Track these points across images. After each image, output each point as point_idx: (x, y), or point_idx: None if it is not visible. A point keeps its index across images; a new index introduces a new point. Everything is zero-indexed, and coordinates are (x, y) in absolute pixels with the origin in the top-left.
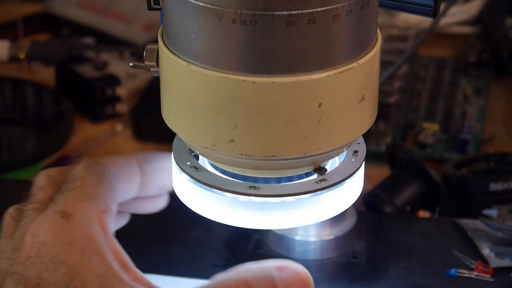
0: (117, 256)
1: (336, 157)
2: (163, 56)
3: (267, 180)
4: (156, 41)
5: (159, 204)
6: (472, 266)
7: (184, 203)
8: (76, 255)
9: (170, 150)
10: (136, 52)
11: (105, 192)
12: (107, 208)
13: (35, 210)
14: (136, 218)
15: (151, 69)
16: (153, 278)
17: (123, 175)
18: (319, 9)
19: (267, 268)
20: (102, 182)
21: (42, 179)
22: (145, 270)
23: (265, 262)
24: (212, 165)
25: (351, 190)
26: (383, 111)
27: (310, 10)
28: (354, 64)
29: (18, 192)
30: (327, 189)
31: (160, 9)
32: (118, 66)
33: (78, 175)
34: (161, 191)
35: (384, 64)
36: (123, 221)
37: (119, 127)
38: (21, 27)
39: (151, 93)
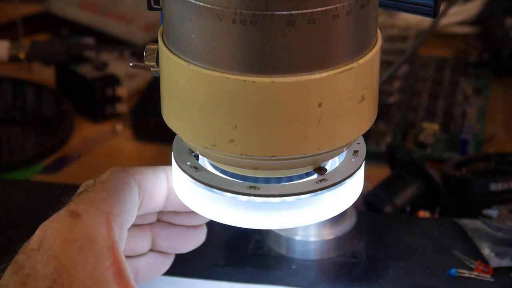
0: (115, 261)
1: (336, 157)
2: (163, 56)
3: (267, 180)
4: (156, 41)
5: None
6: (472, 266)
7: (184, 203)
8: (73, 252)
9: (170, 150)
10: (136, 52)
11: (121, 197)
12: (120, 212)
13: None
14: None
15: (151, 69)
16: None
17: (148, 186)
18: (319, 9)
19: None
20: (122, 188)
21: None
22: None
23: None
24: (212, 165)
25: (351, 190)
26: (383, 111)
27: (310, 10)
28: (354, 64)
29: (18, 192)
30: (327, 189)
31: (160, 9)
32: (118, 66)
33: (100, 179)
34: (186, 207)
35: (384, 64)
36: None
37: (119, 127)
38: (21, 27)
39: (151, 93)
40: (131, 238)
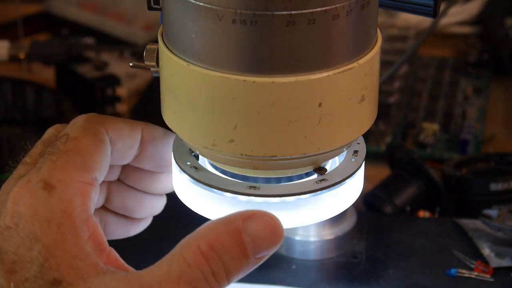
0: (93, 235)
1: (336, 157)
2: (163, 56)
3: (267, 180)
4: (156, 41)
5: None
6: (472, 266)
7: (184, 203)
8: (52, 233)
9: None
10: (136, 52)
11: (95, 163)
12: (93, 180)
13: (25, 164)
14: None
15: (151, 69)
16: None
17: (121, 145)
18: (319, 9)
19: (231, 221)
20: (96, 150)
21: (49, 133)
22: None
23: (231, 214)
24: (212, 165)
25: (351, 190)
26: (383, 111)
27: (310, 10)
28: (354, 64)
29: None
30: (327, 189)
31: (160, 9)
32: (118, 66)
33: (73, 134)
34: (156, 168)
35: (384, 64)
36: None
37: None
38: (21, 27)
39: (151, 93)
40: None
